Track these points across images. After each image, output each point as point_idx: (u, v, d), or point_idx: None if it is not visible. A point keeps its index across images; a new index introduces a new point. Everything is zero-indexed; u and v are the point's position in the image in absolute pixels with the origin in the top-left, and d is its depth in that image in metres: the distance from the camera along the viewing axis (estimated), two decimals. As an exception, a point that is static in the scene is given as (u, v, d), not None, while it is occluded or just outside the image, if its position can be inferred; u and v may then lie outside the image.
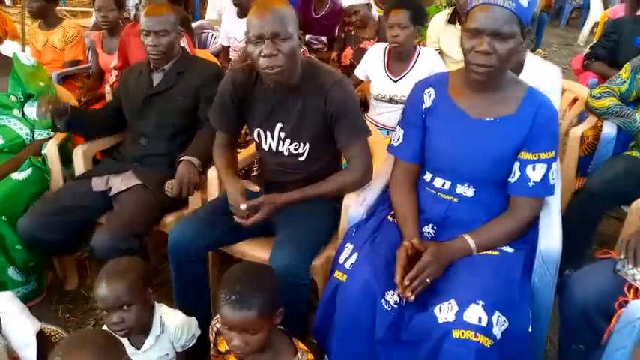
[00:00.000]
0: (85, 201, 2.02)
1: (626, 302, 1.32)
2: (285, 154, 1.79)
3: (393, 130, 2.58)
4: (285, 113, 1.73)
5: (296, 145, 1.76)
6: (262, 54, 1.55)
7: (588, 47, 4.40)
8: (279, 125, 1.75)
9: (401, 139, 1.66)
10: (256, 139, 1.84)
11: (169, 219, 2.02)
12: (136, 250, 1.86)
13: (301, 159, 1.79)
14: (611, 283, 1.38)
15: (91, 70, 3.46)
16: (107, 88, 3.04)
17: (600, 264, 1.46)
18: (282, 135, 1.76)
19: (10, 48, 2.72)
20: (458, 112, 1.53)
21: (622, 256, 1.39)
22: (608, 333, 1.32)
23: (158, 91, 2.14)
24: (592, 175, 2.12)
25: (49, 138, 2.23)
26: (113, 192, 2.03)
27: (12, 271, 2.02)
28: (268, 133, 1.78)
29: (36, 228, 1.91)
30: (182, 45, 2.32)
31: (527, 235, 1.51)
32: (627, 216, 1.78)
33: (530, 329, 1.34)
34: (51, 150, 2.17)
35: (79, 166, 2.19)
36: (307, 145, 1.76)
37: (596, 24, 7.02)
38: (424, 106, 1.60)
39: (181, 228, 1.73)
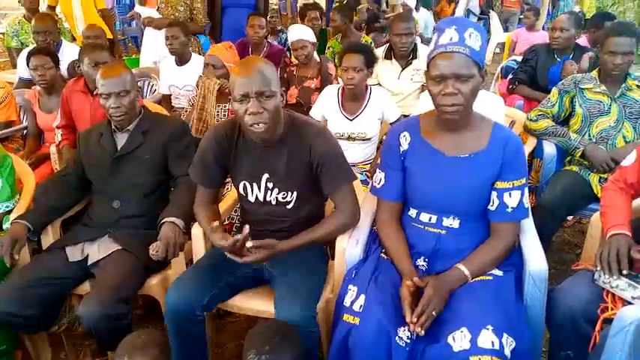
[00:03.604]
0: (60, 272, 1.93)
1: (607, 308, 1.50)
2: (273, 202, 1.84)
3: (354, 166, 2.75)
4: (272, 164, 1.78)
5: (284, 194, 1.82)
6: (248, 112, 1.61)
7: (499, 67, 4.87)
8: (265, 176, 1.80)
9: (383, 181, 1.77)
10: (241, 191, 1.87)
11: (153, 281, 1.99)
12: (125, 315, 1.82)
13: (289, 207, 1.84)
14: (592, 291, 1.55)
15: (25, 131, 3.30)
16: (52, 149, 2.92)
17: (579, 275, 1.64)
18: (270, 185, 1.81)
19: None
20: (433, 151, 1.67)
21: (598, 268, 1.57)
22: (595, 337, 1.48)
23: (125, 152, 2.11)
24: (543, 192, 2.35)
25: (10, 211, 2.11)
26: (91, 260, 1.96)
27: (-17, 358, 1.88)
28: (255, 185, 1.82)
29: (9, 305, 1.79)
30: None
31: (511, 257, 1.66)
32: (588, 228, 1.99)
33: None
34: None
35: (48, 237, 2.08)
36: (295, 193, 1.82)
37: (498, 44, 7.71)
38: (402, 149, 1.72)
39: (178, 291, 1.71)
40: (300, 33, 3.33)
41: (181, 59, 3.53)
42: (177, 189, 2.08)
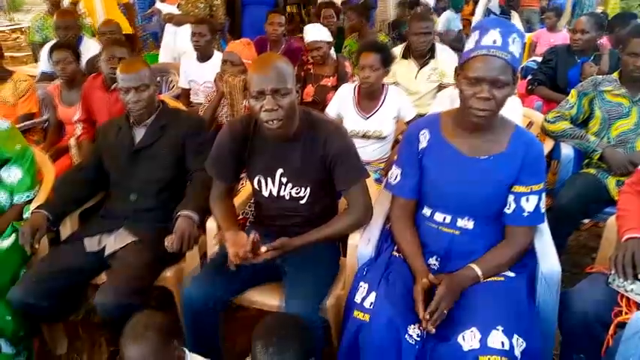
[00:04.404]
0: (78, 262, 1.97)
1: (621, 312, 1.48)
2: (287, 197, 1.85)
3: (368, 164, 2.75)
4: (286, 159, 1.80)
5: (297, 189, 1.83)
6: (264, 108, 1.62)
7: (519, 68, 4.82)
8: (280, 171, 1.82)
9: (398, 178, 1.77)
10: (256, 186, 1.89)
11: (168, 273, 2.02)
12: (139, 306, 1.84)
13: (302, 202, 1.86)
14: (606, 295, 1.54)
15: (47, 124, 3.37)
16: (72, 141, 2.98)
17: (593, 278, 1.63)
18: (284, 180, 1.82)
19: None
20: (453, 151, 1.66)
21: (612, 271, 1.56)
22: (608, 341, 1.47)
23: (143, 146, 2.14)
24: (559, 194, 2.33)
25: (30, 200, 2.16)
26: (108, 251, 2.00)
27: (3, 345, 1.92)
28: (269, 179, 1.84)
29: (30, 296, 1.84)
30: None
31: (524, 259, 1.65)
32: (604, 232, 1.97)
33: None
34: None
35: (66, 227, 2.13)
36: (308, 189, 1.83)
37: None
38: (420, 147, 1.71)
39: (197, 284, 1.74)
40: (314, 34, 3.34)
41: (203, 56, 3.56)
42: (192, 183, 2.11)
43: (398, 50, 3.42)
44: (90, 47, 3.92)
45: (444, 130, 1.69)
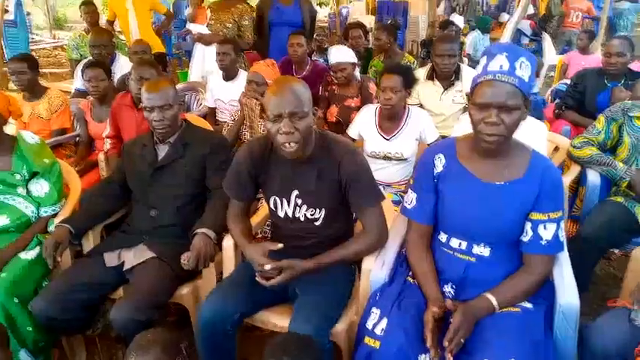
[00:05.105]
0: (98, 277, 2.01)
1: (645, 350, 1.42)
2: (302, 219, 1.85)
3: (389, 186, 2.74)
4: (302, 180, 1.80)
5: (312, 211, 1.83)
6: (280, 131, 1.64)
7: (549, 91, 4.74)
8: (295, 192, 1.82)
9: (414, 202, 1.75)
10: (272, 206, 1.90)
11: (184, 290, 2.04)
12: (154, 322, 1.86)
13: (317, 224, 1.85)
14: (628, 331, 1.47)
15: (78, 139, 3.48)
16: (101, 156, 3.06)
17: (615, 313, 1.56)
18: (299, 201, 1.83)
19: (12, 128, 2.72)
20: (468, 176, 1.63)
21: (635, 307, 1.49)
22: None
23: (165, 163, 2.18)
24: (585, 222, 2.26)
25: (55, 214, 2.23)
26: (127, 266, 2.04)
27: (23, 355, 1.98)
28: (284, 200, 1.85)
29: (51, 308, 1.88)
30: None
31: (542, 289, 1.60)
32: (629, 263, 1.90)
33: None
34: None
35: (89, 241, 2.18)
36: (323, 211, 1.83)
37: (551, 67, 7.51)
38: (436, 171, 1.70)
39: (214, 302, 1.75)
40: (338, 56, 3.35)
41: (229, 75, 3.62)
42: (211, 201, 2.14)
43: (422, 72, 3.41)
44: (123, 65, 4.06)
45: (459, 154, 1.67)
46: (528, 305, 1.55)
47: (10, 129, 2.28)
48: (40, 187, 2.22)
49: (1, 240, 2.12)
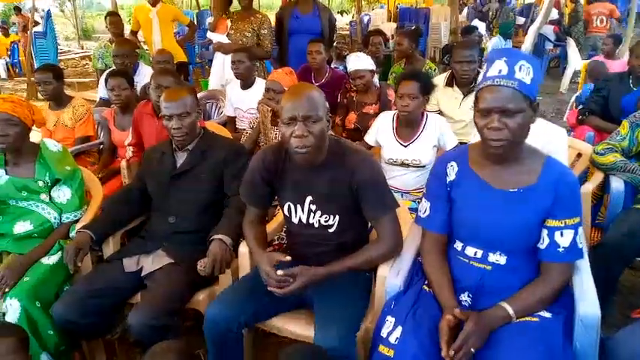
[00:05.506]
0: (118, 282, 2.05)
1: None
2: (316, 225, 1.86)
3: (407, 193, 2.71)
4: (316, 186, 1.81)
5: (326, 217, 1.83)
6: (294, 134, 1.65)
7: (574, 96, 4.65)
8: (309, 198, 1.83)
9: (428, 211, 1.73)
10: (286, 212, 1.91)
11: (201, 296, 2.05)
12: (171, 327, 1.89)
13: (331, 230, 1.85)
14: (651, 344, 1.43)
15: (102, 146, 3.55)
16: (123, 164, 3.12)
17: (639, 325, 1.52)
18: (313, 207, 1.83)
19: (36, 136, 2.80)
20: (481, 183, 1.62)
21: (660, 318, 1.45)
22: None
23: (183, 170, 2.21)
24: (609, 230, 2.20)
25: (77, 220, 2.28)
26: (145, 272, 2.06)
27: (44, 358, 2.00)
28: (299, 206, 1.86)
29: (71, 312, 1.92)
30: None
31: (561, 298, 1.57)
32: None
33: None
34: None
35: (109, 247, 2.22)
36: (337, 217, 1.83)
37: (576, 72, 7.38)
38: (448, 179, 1.68)
39: (219, 305, 1.76)
40: (357, 63, 3.35)
41: (246, 83, 3.66)
42: (228, 208, 2.16)
43: (440, 79, 3.39)
44: (146, 74, 4.14)
45: (472, 162, 1.65)
46: (547, 315, 1.51)
47: (34, 137, 2.34)
48: (63, 194, 2.27)
49: (24, 245, 2.17)
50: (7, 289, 1.98)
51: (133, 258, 2.12)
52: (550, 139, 2.25)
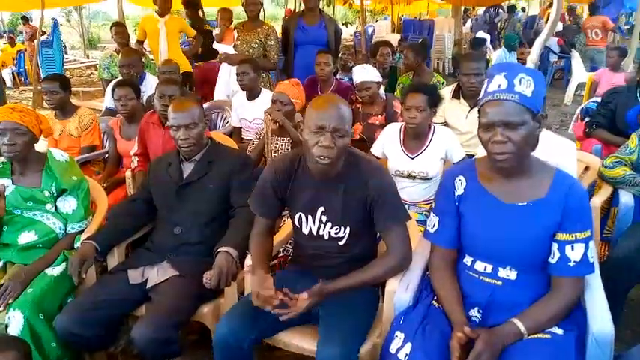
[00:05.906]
0: (122, 294, 2.03)
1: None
2: (326, 237, 1.84)
3: (414, 205, 2.70)
4: (328, 198, 1.80)
5: (337, 229, 1.82)
6: (320, 144, 1.64)
7: (578, 109, 4.64)
8: (321, 209, 1.81)
9: (437, 226, 1.72)
10: (296, 223, 1.89)
11: (206, 309, 2.03)
12: (174, 340, 1.87)
13: (341, 242, 1.84)
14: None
15: (107, 156, 3.55)
16: (128, 174, 3.11)
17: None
18: (324, 219, 1.82)
19: (43, 145, 2.80)
20: (490, 198, 1.60)
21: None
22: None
23: (190, 181, 2.20)
24: (617, 245, 2.18)
25: (82, 231, 2.26)
26: (150, 284, 2.05)
27: (46, 371, 1.99)
28: (310, 217, 1.84)
29: (74, 325, 1.90)
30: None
31: (572, 314, 1.54)
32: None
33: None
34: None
35: (114, 258, 2.20)
36: (348, 229, 1.81)
37: (580, 84, 7.38)
38: (457, 194, 1.67)
39: (229, 321, 1.74)
40: (363, 75, 3.36)
41: (251, 94, 3.67)
42: (235, 219, 2.14)
43: (447, 91, 3.38)
44: (152, 84, 4.14)
45: (480, 176, 1.64)
46: (558, 331, 1.49)
47: (41, 146, 2.34)
48: (68, 205, 2.26)
49: (29, 256, 2.16)
50: (10, 300, 1.97)
51: (138, 269, 2.10)
52: (559, 153, 2.23)
